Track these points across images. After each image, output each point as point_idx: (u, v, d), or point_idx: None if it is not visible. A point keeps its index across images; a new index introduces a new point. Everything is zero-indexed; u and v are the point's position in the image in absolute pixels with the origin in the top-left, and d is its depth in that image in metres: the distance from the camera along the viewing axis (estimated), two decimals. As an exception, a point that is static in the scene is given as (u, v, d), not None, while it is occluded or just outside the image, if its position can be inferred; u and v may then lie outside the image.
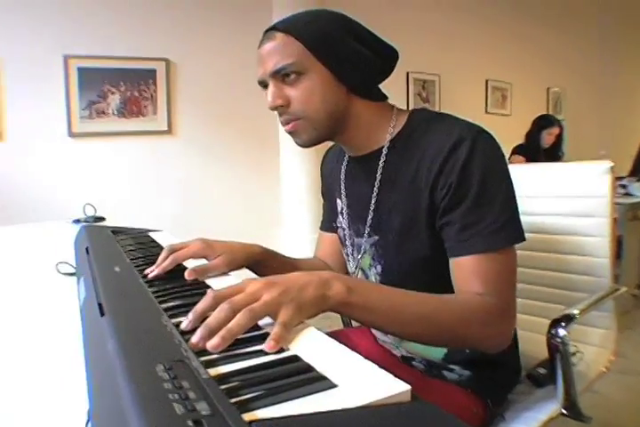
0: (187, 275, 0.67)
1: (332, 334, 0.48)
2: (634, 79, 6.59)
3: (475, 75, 5.00)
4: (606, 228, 1.03)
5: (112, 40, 3.07)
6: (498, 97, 5.24)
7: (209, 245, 0.76)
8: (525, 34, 5.35)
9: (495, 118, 5.01)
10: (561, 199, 1.09)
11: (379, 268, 0.83)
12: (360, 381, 0.38)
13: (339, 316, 1.25)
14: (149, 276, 0.70)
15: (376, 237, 0.82)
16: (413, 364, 0.89)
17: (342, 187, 0.89)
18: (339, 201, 0.92)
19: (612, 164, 1.01)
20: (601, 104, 6.17)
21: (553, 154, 3.50)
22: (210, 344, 0.43)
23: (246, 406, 0.34)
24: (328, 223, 1.01)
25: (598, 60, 6.14)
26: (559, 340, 0.79)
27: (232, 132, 3.54)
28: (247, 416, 0.33)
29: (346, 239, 0.90)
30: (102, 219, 1.68)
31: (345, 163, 0.89)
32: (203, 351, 0.43)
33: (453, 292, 0.71)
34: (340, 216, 0.91)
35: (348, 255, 0.91)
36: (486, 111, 5.11)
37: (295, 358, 0.43)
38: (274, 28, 0.74)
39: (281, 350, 0.45)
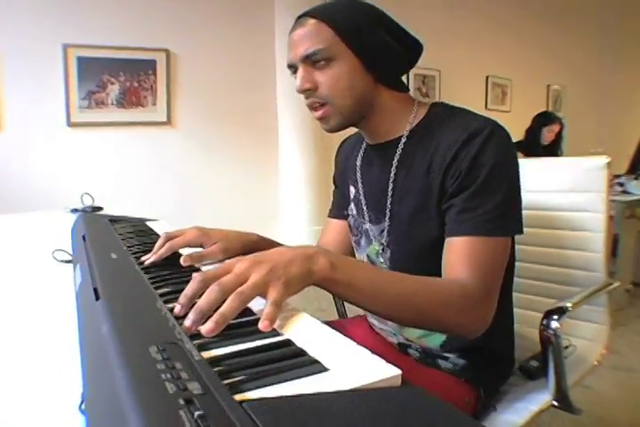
0: (182, 261, 0.68)
1: (328, 324, 0.48)
2: (633, 78, 6.57)
3: (475, 71, 4.99)
4: (602, 223, 1.03)
5: (112, 30, 3.06)
6: (498, 93, 5.24)
7: (205, 233, 0.77)
8: (526, 31, 5.33)
9: (495, 114, 4.93)
10: (557, 194, 1.09)
11: (388, 253, 0.84)
12: (351, 365, 0.39)
13: (334, 308, 1.26)
14: (146, 263, 0.70)
15: (386, 224, 0.83)
16: (409, 351, 0.90)
17: (358, 174, 0.91)
18: (352, 188, 0.93)
19: (608, 159, 1.01)
20: (600, 102, 6.16)
21: (552, 151, 3.49)
22: (204, 329, 0.44)
23: (238, 387, 0.35)
24: (337, 210, 1.02)
25: (598, 59, 6.13)
26: (551, 332, 0.80)
27: (231, 125, 3.53)
28: (238, 397, 0.33)
29: (356, 227, 0.92)
30: (100, 208, 1.68)
31: (361, 151, 0.91)
32: (196, 335, 0.44)
33: None
34: (353, 204, 0.93)
35: (357, 243, 0.93)
36: (486, 107, 5.10)
37: (288, 343, 0.43)
38: (307, 15, 0.76)
39: (274, 335, 0.45)
